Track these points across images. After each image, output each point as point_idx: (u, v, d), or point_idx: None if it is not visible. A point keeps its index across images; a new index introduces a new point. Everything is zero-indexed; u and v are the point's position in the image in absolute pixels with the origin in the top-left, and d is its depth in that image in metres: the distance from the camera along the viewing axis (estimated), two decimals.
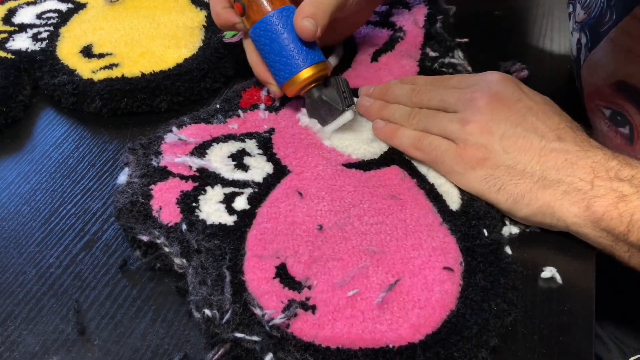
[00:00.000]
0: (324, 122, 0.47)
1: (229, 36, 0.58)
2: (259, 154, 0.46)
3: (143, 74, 0.53)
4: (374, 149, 0.46)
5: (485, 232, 0.40)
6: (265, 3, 0.47)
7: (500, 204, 0.41)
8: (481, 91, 0.43)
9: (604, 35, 0.48)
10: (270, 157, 0.45)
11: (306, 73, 0.46)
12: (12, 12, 0.64)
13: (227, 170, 0.44)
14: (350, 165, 0.45)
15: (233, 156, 0.45)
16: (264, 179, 0.43)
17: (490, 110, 0.42)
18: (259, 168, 0.44)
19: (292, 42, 0.46)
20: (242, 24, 0.49)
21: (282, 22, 0.46)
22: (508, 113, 0.41)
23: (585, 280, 0.39)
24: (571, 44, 0.55)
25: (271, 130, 0.48)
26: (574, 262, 0.40)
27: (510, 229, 0.41)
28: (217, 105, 0.50)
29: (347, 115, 0.46)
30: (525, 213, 0.40)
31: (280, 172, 0.44)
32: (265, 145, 0.46)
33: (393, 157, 0.46)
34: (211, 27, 0.60)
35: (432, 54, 0.56)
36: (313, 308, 0.35)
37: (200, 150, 0.45)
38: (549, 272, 0.39)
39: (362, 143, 0.47)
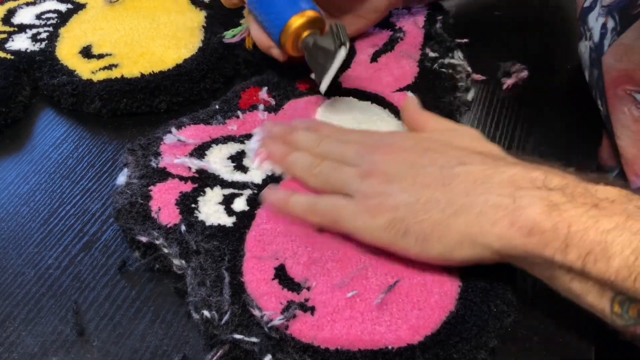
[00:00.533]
0: (323, 70, 0.46)
1: (229, 36, 0.58)
2: None
3: (142, 75, 0.53)
4: None
5: None
6: None
7: (410, 249, 0.36)
8: (379, 144, 0.41)
9: (636, 18, 0.46)
10: None
11: (295, 21, 0.47)
12: (11, 12, 0.64)
13: (227, 172, 0.44)
14: None
15: (232, 157, 0.45)
16: (263, 180, 0.43)
17: (386, 159, 0.39)
18: (258, 169, 0.44)
19: None
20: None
21: None
22: (404, 156, 0.38)
23: None
24: (591, 31, 0.53)
25: None
26: None
27: None
28: (217, 106, 0.50)
29: (341, 54, 0.45)
30: (438, 250, 0.35)
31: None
32: None
33: None
34: (211, 28, 0.60)
35: (432, 54, 0.56)
36: (312, 309, 0.35)
37: (200, 151, 0.45)
38: None
39: None
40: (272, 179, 0.43)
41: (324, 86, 0.46)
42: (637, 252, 0.29)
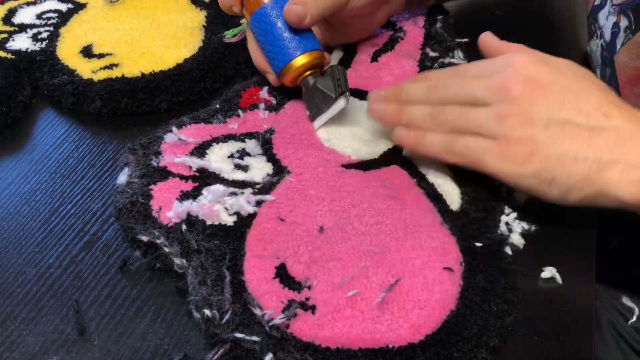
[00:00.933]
0: (319, 111, 0.47)
1: (229, 36, 0.58)
2: (259, 154, 0.46)
3: (143, 74, 0.53)
4: (374, 149, 0.46)
5: (486, 232, 0.40)
6: None
7: (551, 195, 0.38)
8: (512, 77, 0.39)
9: None
10: (270, 157, 0.45)
11: (300, 60, 0.47)
12: (12, 12, 0.64)
13: (227, 171, 0.44)
14: (350, 165, 0.45)
15: (233, 156, 0.45)
16: (265, 178, 0.43)
17: (526, 98, 0.38)
18: (259, 168, 0.44)
19: (286, 30, 0.47)
20: (244, 16, 0.50)
21: (276, 12, 0.47)
22: (546, 98, 0.38)
23: (585, 280, 0.39)
24: (602, 29, 0.52)
25: (271, 131, 0.48)
26: (574, 262, 0.40)
27: (512, 227, 0.41)
28: (217, 105, 0.50)
29: (340, 103, 0.46)
30: (577, 199, 0.38)
31: (280, 172, 0.44)
32: (265, 145, 0.46)
33: (393, 156, 0.45)
34: (211, 28, 0.60)
35: (432, 54, 0.56)
36: (313, 308, 0.35)
37: (200, 150, 0.45)
38: (549, 272, 0.39)
39: (362, 144, 0.47)
40: (273, 177, 0.43)
41: (317, 125, 0.48)
42: None
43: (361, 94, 0.51)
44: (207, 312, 0.35)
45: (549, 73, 0.39)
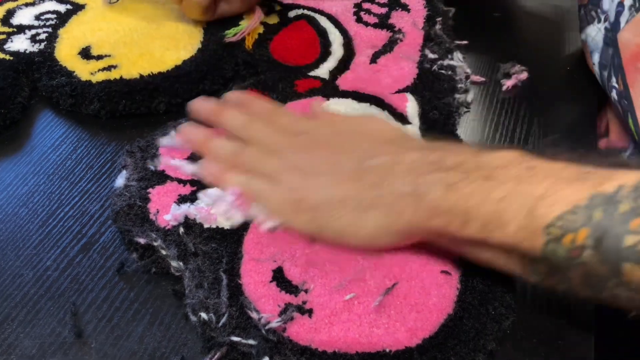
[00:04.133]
0: None
1: (230, 34, 0.58)
2: None
3: (141, 76, 0.53)
4: None
5: None
6: None
7: (331, 241, 0.38)
8: (302, 137, 0.42)
9: None
10: None
11: None
12: (10, 13, 0.64)
13: None
14: None
15: None
16: None
17: (307, 155, 0.41)
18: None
19: None
20: None
21: None
22: (324, 152, 0.40)
23: None
24: (606, 13, 0.53)
25: None
26: None
27: None
28: None
29: None
30: (357, 243, 0.38)
31: None
32: None
33: None
34: (210, 29, 0.60)
35: (432, 55, 0.56)
36: (310, 312, 0.35)
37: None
38: None
39: None
40: None
41: None
42: (530, 214, 0.31)
43: (360, 96, 0.51)
44: (203, 315, 0.35)
45: (336, 132, 0.43)
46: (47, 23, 0.62)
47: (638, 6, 0.49)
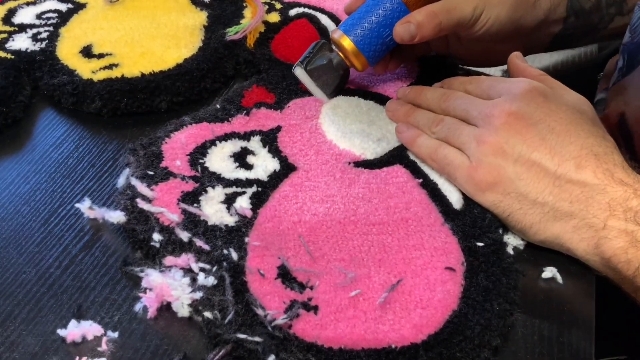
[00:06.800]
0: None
1: (232, 33, 0.58)
2: (264, 152, 0.45)
3: (143, 74, 0.53)
4: (381, 148, 0.46)
5: (487, 232, 0.40)
6: None
7: (514, 229, 0.40)
8: (501, 107, 0.40)
9: None
10: (277, 154, 0.45)
11: (345, 40, 0.48)
12: (12, 12, 0.64)
13: (229, 170, 0.44)
14: (357, 164, 0.45)
15: (235, 155, 0.45)
16: (269, 177, 0.43)
17: (507, 130, 0.39)
18: (262, 167, 0.44)
19: (375, 15, 0.47)
20: None
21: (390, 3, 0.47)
22: (526, 135, 0.39)
23: (585, 280, 0.39)
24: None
25: (277, 128, 0.48)
26: (574, 262, 0.40)
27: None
28: (218, 105, 0.50)
29: (297, 72, 0.49)
30: (532, 240, 0.40)
31: (286, 169, 0.44)
32: (271, 143, 0.46)
33: (398, 156, 0.45)
34: (211, 28, 0.60)
35: (433, 53, 0.56)
36: (315, 308, 0.35)
37: (202, 150, 0.45)
38: (549, 272, 0.39)
39: (371, 142, 0.46)
40: (279, 176, 0.43)
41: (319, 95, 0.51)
42: None
43: (365, 94, 0.52)
44: (207, 313, 0.35)
45: (539, 110, 0.40)
46: (49, 22, 0.62)
47: (625, 71, 0.48)
